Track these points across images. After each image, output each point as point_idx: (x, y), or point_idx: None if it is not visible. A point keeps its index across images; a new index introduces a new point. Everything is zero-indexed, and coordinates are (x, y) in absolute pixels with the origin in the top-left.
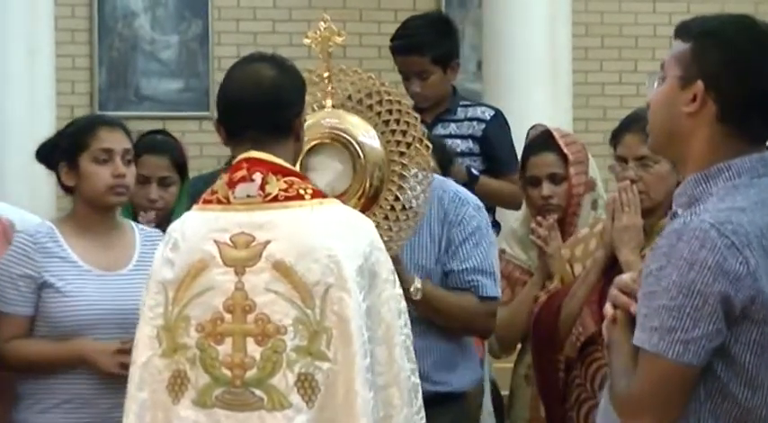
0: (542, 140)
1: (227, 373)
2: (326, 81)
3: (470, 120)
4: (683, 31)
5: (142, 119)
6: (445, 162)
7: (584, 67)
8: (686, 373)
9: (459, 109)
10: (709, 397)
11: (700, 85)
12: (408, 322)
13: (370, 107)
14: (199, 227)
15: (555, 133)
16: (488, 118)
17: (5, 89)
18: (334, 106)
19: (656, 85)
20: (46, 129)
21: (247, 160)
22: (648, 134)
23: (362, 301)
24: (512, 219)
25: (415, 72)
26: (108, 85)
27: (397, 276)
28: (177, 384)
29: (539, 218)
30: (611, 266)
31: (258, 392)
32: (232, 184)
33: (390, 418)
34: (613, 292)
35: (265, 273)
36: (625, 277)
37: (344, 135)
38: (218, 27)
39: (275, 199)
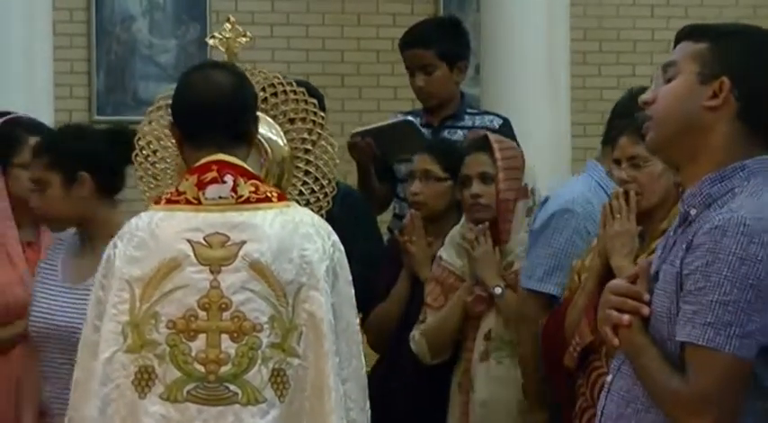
0: (478, 142)
1: (201, 368)
2: None
3: (479, 128)
4: (694, 32)
5: (140, 123)
6: (455, 164)
7: (583, 71)
8: (744, 368)
9: (467, 116)
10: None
11: (726, 80)
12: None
13: (276, 106)
14: (168, 226)
15: (491, 137)
16: (497, 127)
17: (4, 94)
18: None
19: (655, 85)
20: None
21: (216, 162)
22: (649, 131)
23: (330, 300)
24: None
25: (419, 66)
26: (106, 90)
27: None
28: (144, 379)
29: (470, 224)
30: (610, 274)
31: (233, 387)
32: (202, 186)
33: (350, 411)
34: (612, 298)
35: (242, 272)
36: (621, 282)
37: None
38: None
39: (247, 201)
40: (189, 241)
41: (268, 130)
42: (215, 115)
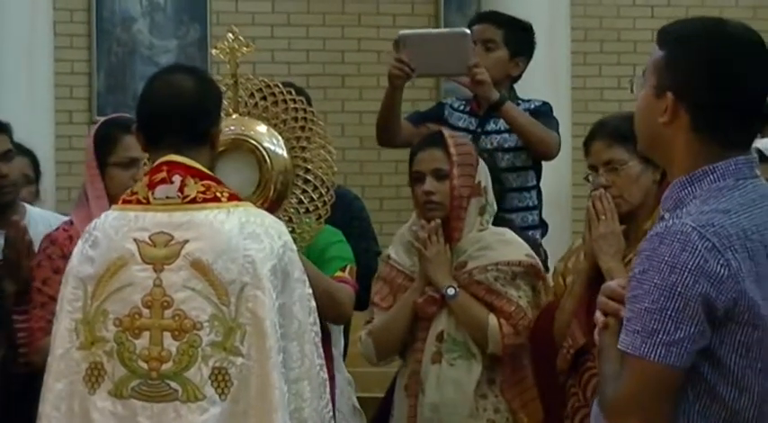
0: (432, 138)
1: (144, 365)
2: (233, 89)
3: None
4: (661, 37)
5: None
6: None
7: (583, 72)
8: (670, 376)
9: None
10: (698, 399)
11: (670, 96)
12: (317, 320)
13: (266, 109)
14: (119, 226)
15: (445, 132)
16: (532, 107)
17: (4, 94)
18: (240, 114)
19: (639, 89)
20: (44, 133)
21: (167, 163)
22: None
23: (276, 299)
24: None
25: (483, 39)
26: (106, 90)
27: (307, 277)
28: (94, 376)
29: (422, 222)
30: (599, 276)
31: (173, 385)
32: (152, 186)
33: (301, 411)
34: (602, 299)
35: (183, 270)
36: (612, 284)
37: (251, 141)
38: (216, 32)
39: (193, 201)
40: (135, 240)
41: (270, 141)
42: (170, 118)
